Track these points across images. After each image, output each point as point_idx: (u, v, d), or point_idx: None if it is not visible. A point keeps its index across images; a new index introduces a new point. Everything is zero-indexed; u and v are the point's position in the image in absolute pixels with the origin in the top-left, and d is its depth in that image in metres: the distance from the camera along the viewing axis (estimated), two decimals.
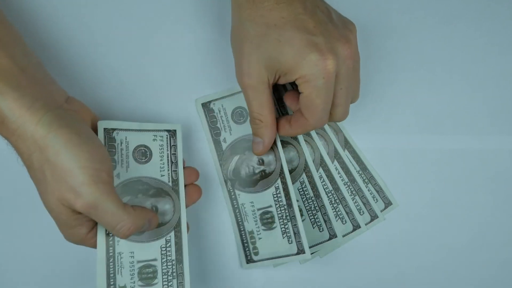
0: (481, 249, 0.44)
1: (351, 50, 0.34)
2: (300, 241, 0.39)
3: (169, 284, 0.36)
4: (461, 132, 0.45)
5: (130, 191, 0.37)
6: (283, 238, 0.40)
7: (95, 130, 0.37)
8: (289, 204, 0.40)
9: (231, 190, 0.42)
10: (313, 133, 0.44)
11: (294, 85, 0.37)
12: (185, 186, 0.38)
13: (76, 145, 0.31)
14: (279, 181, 0.41)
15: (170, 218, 0.37)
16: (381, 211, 0.44)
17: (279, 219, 0.40)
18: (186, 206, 0.38)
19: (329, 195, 0.43)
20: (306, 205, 0.43)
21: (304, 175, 0.43)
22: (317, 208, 0.43)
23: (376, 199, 0.44)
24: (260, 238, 0.41)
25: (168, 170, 0.38)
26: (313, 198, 0.43)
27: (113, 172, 0.34)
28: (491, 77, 0.45)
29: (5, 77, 0.31)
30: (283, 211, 0.40)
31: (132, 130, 0.38)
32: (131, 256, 0.36)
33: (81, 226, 0.33)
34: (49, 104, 0.32)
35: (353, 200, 0.43)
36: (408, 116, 0.45)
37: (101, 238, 0.35)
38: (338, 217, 0.43)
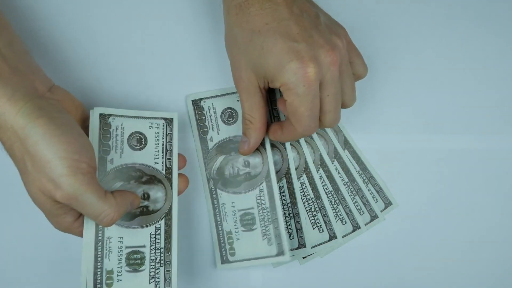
0: (481, 249, 0.44)
1: (335, 56, 0.34)
2: (280, 243, 0.40)
3: (156, 271, 0.36)
4: (461, 132, 0.45)
5: (123, 177, 0.37)
6: (263, 239, 0.40)
7: (81, 118, 0.37)
8: (272, 207, 0.40)
9: (213, 189, 0.42)
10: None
11: None
12: None
13: (54, 136, 0.30)
14: (264, 184, 0.41)
15: (162, 205, 0.37)
16: (381, 211, 0.44)
17: (260, 221, 0.40)
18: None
19: (329, 195, 0.43)
20: (306, 206, 0.43)
21: (304, 176, 0.43)
22: (317, 209, 0.43)
23: (376, 199, 0.44)
24: (238, 239, 0.41)
25: (163, 158, 0.38)
26: (313, 199, 0.43)
27: (96, 162, 0.34)
28: (490, 77, 0.45)
29: None
30: (265, 213, 0.41)
31: (128, 116, 0.38)
32: (120, 241, 0.36)
33: (66, 214, 0.33)
34: (30, 94, 0.32)
35: (353, 200, 0.43)
36: (408, 116, 0.45)
37: (90, 221, 0.35)
38: (338, 218, 0.43)
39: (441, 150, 0.44)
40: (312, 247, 0.42)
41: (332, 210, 0.43)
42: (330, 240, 0.43)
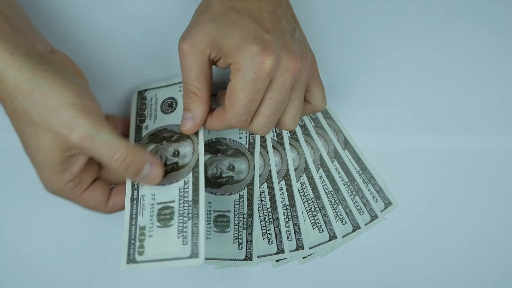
0: (481, 249, 0.44)
1: (296, 66, 0.33)
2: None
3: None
4: (461, 132, 0.45)
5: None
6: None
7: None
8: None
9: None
10: (313, 133, 0.44)
11: None
12: None
13: (62, 84, 0.31)
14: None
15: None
16: (381, 211, 0.44)
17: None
18: None
19: (329, 195, 0.43)
20: (306, 206, 0.43)
21: (304, 176, 0.43)
22: (317, 209, 0.43)
23: (376, 199, 0.44)
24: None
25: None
26: (313, 199, 0.43)
27: (101, 111, 0.34)
28: (491, 77, 0.45)
29: None
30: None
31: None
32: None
33: (65, 171, 0.33)
34: (32, 52, 0.32)
35: (353, 200, 0.43)
36: (408, 116, 0.45)
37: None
38: (338, 218, 0.43)
39: (441, 150, 0.44)
40: (311, 248, 0.42)
41: (332, 210, 0.43)
42: (330, 240, 0.43)
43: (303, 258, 0.43)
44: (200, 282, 0.43)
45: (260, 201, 0.42)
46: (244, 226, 0.41)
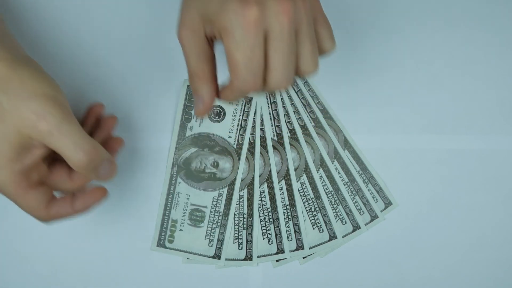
0: (481, 249, 0.44)
1: (287, 7, 0.29)
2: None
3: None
4: (461, 132, 0.45)
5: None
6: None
7: None
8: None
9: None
10: (313, 133, 0.44)
11: None
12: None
13: (39, 76, 0.32)
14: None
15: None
16: (381, 211, 0.44)
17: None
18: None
19: (329, 195, 0.43)
20: (306, 206, 0.43)
21: (304, 176, 0.43)
22: (317, 209, 0.43)
23: (376, 199, 0.44)
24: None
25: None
26: (313, 199, 0.43)
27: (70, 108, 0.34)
28: (491, 77, 0.45)
29: None
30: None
31: None
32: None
33: (17, 160, 0.31)
34: (12, 49, 0.33)
35: (353, 200, 0.43)
36: (408, 116, 0.45)
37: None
38: (338, 218, 0.43)
39: (441, 150, 0.44)
40: (311, 248, 0.42)
41: (332, 210, 0.43)
42: (330, 240, 0.43)
43: (303, 258, 0.43)
44: (200, 282, 0.43)
45: (260, 201, 0.42)
46: (244, 226, 0.42)
